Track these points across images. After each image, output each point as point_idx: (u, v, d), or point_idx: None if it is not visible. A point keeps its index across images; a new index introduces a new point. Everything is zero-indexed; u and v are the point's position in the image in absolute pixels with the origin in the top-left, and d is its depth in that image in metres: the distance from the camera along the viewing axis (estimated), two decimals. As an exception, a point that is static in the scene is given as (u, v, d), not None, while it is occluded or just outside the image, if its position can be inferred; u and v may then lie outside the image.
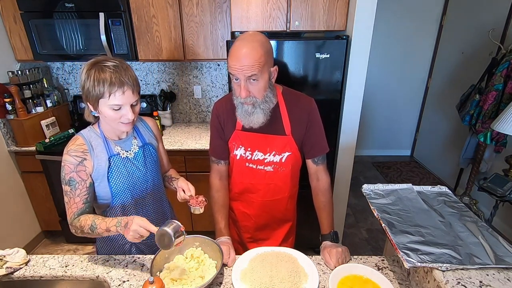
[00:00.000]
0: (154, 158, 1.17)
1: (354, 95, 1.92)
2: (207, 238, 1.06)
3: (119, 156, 1.07)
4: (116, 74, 0.92)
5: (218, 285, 0.95)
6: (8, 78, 2.13)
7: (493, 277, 0.72)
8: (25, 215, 2.36)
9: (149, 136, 1.18)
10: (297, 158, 1.15)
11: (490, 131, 2.28)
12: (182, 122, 2.73)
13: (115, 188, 1.06)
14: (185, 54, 2.18)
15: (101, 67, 0.92)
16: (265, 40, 0.97)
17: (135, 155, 1.11)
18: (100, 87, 0.91)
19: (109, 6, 1.97)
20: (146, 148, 1.14)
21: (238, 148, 1.15)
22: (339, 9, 1.84)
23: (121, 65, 0.95)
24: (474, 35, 2.97)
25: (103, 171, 1.03)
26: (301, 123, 1.10)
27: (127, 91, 0.94)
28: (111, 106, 0.94)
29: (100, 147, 1.05)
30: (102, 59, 0.95)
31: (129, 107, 0.96)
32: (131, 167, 1.09)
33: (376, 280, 0.91)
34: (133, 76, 0.96)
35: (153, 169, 1.16)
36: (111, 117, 0.96)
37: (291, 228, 1.35)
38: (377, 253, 2.44)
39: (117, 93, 0.92)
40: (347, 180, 2.16)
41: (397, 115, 4.06)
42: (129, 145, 1.11)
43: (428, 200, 1.03)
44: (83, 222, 0.98)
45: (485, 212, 2.65)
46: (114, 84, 0.91)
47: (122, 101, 0.94)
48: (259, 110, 1.02)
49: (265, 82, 0.98)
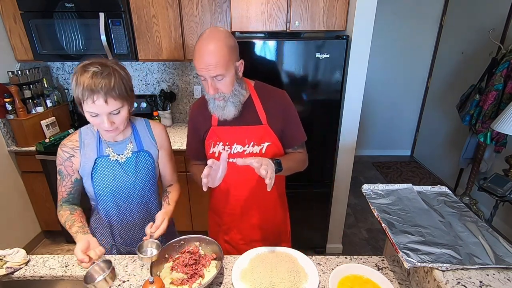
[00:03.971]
0: (149, 166, 1.12)
1: (354, 95, 1.92)
2: (207, 238, 1.06)
3: (107, 158, 1.05)
4: (91, 81, 0.88)
5: (218, 285, 0.95)
6: (8, 78, 2.13)
7: (493, 277, 0.72)
8: (25, 215, 2.36)
9: (149, 142, 1.13)
10: (278, 148, 1.14)
11: (490, 131, 2.28)
12: (182, 122, 2.73)
13: (97, 189, 1.06)
14: (185, 54, 2.18)
15: (84, 70, 0.90)
16: (227, 35, 0.97)
17: (126, 160, 1.07)
18: (78, 91, 0.90)
19: (109, 6, 1.97)
20: (140, 155, 1.10)
21: (215, 145, 1.13)
22: (339, 9, 1.84)
23: (103, 70, 0.91)
24: (474, 35, 2.97)
25: (88, 170, 1.04)
26: (277, 114, 1.12)
27: (97, 100, 0.89)
28: (88, 112, 0.93)
29: (91, 146, 1.05)
30: (90, 63, 0.92)
31: (105, 116, 0.93)
32: (119, 172, 1.06)
33: (376, 280, 0.91)
34: (110, 84, 0.90)
35: (144, 178, 1.11)
36: (91, 122, 0.96)
37: (285, 226, 1.33)
38: (377, 253, 2.44)
39: (88, 101, 0.89)
40: (347, 180, 2.16)
41: (397, 115, 4.07)
42: (123, 148, 1.08)
43: (428, 200, 1.03)
44: (63, 212, 1.04)
45: (485, 212, 2.65)
46: (85, 91, 0.88)
47: (95, 110, 0.91)
48: (230, 104, 1.03)
49: (231, 77, 0.99)
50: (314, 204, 2.17)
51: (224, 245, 1.31)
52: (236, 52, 1.00)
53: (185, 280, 0.92)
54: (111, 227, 1.15)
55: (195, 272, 0.94)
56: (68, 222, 1.01)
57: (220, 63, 0.94)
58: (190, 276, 0.93)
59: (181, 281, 0.92)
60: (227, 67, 0.96)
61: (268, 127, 1.11)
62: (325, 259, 1.04)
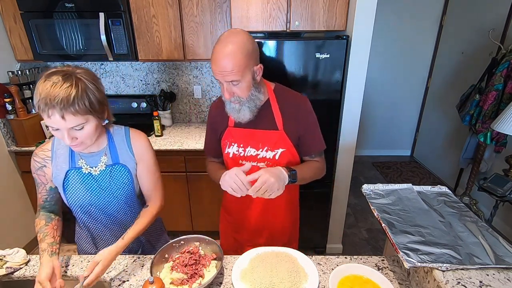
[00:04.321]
0: (125, 180, 1.03)
1: (354, 95, 1.92)
2: (207, 238, 1.06)
3: (79, 171, 0.99)
4: (48, 93, 0.78)
5: (218, 285, 0.95)
6: (8, 78, 2.13)
7: (493, 277, 0.72)
8: (25, 215, 2.36)
9: (126, 155, 1.03)
10: (293, 155, 1.12)
11: (490, 131, 2.28)
12: (182, 122, 2.73)
13: (71, 201, 1.02)
14: (185, 54, 2.18)
15: (45, 79, 0.81)
16: (245, 40, 0.93)
17: (100, 173, 1.00)
18: (35, 102, 0.81)
19: (109, 6, 1.97)
20: (115, 168, 1.01)
21: (230, 146, 1.14)
22: (339, 9, 1.84)
23: (64, 81, 0.80)
24: (474, 35, 2.97)
25: (60, 181, 0.99)
26: (294, 120, 1.09)
27: (53, 115, 0.80)
28: (49, 126, 0.84)
29: (63, 156, 0.99)
30: (55, 70, 0.83)
31: (65, 131, 0.83)
32: (92, 185, 1.00)
33: (376, 280, 0.91)
34: (68, 98, 0.79)
35: (120, 192, 1.03)
36: (55, 135, 0.87)
37: (294, 232, 1.33)
38: (377, 253, 2.44)
39: (44, 115, 0.80)
40: (347, 180, 2.16)
41: (397, 115, 4.07)
42: (97, 161, 1.00)
43: (428, 200, 1.03)
44: (38, 220, 1.02)
45: (485, 212, 2.65)
46: (41, 103, 0.79)
47: (53, 124, 0.82)
48: (245, 107, 1.02)
49: (247, 82, 0.97)
50: (314, 204, 2.17)
51: (233, 242, 1.32)
52: (254, 57, 0.97)
53: (185, 280, 0.92)
54: (92, 237, 1.12)
55: (195, 272, 0.94)
56: (40, 234, 0.97)
57: (236, 69, 0.91)
58: (190, 276, 0.93)
59: (181, 281, 0.92)
60: (243, 72, 0.94)
61: (283, 133, 1.08)
62: (325, 259, 1.04)
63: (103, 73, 2.57)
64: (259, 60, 1.02)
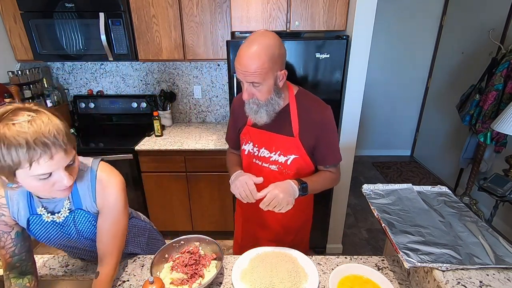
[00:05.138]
0: (91, 226, 0.90)
1: (354, 95, 1.92)
2: (207, 238, 1.06)
3: (41, 218, 0.85)
4: (35, 134, 0.64)
5: (218, 285, 0.95)
6: (8, 78, 2.13)
7: (493, 277, 0.72)
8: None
9: (89, 201, 0.87)
10: (305, 162, 1.10)
11: (490, 131, 2.28)
12: (182, 122, 2.73)
13: (42, 241, 0.90)
14: (185, 54, 2.18)
15: (8, 125, 0.63)
16: (274, 43, 0.92)
17: (65, 219, 0.87)
18: (13, 156, 0.63)
19: (109, 6, 1.97)
20: (77, 214, 0.87)
21: (247, 143, 1.16)
22: (339, 9, 1.84)
23: (39, 116, 0.67)
24: (474, 35, 2.97)
25: (24, 226, 0.87)
26: (312, 128, 1.07)
27: (56, 154, 0.67)
28: (37, 176, 0.68)
29: (21, 203, 0.84)
30: (9, 111, 0.66)
31: (62, 170, 0.71)
32: (57, 232, 0.89)
33: (376, 280, 0.91)
34: (60, 130, 0.68)
35: (90, 235, 0.92)
36: (38, 188, 0.72)
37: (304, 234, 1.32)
38: (377, 253, 2.44)
39: (42, 160, 0.65)
40: (347, 180, 2.16)
41: (397, 115, 4.07)
42: (60, 206, 0.86)
43: (428, 200, 1.03)
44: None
45: (485, 212, 2.65)
46: (34, 149, 0.64)
47: (51, 168, 0.68)
48: (263, 111, 1.01)
49: (268, 86, 0.96)
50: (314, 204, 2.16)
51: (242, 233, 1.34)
52: (280, 62, 0.94)
53: (185, 280, 0.92)
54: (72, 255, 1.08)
55: (195, 272, 0.94)
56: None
57: (258, 72, 0.90)
58: (190, 276, 0.93)
59: (181, 281, 0.92)
60: (266, 76, 0.92)
61: (298, 141, 1.07)
62: (325, 259, 1.05)
63: (103, 73, 2.57)
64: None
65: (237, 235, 1.41)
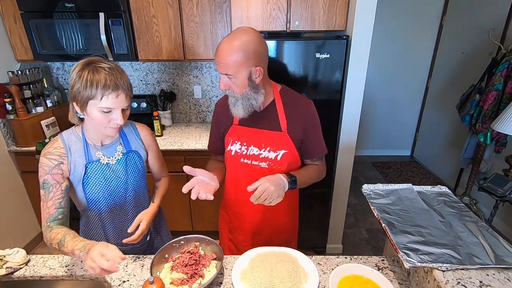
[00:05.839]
0: (138, 167, 1.13)
1: (354, 95, 1.92)
2: (207, 238, 1.06)
3: (98, 163, 1.03)
4: (111, 77, 0.90)
5: (218, 285, 0.95)
6: (8, 78, 2.13)
7: (493, 277, 0.72)
8: (25, 215, 2.36)
9: (136, 143, 1.14)
10: (294, 157, 1.13)
11: (490, 131, 2.28)
12: (182, 122, 2.73)
13: (90, 195, 1.03)
14: (185, 54, 2.18)
15: (96, 68, 0.90)
16: (251, 39, 0.94)
17: (117, 162, 1.07)
18: (93, 89, 0.88)
19: (109, 6, 1.97)
20: (129, 156, 1.10)
21: (233, 144, 1.15)
22: (339, 9, 1.84)
23: (117, 68, 0.94)
24: (474, 35, 2.97)
25: (79, 177, 1.01)
26: (298, 123, 1.10)
27: (121, 95, 0.92)
28: (102, 108, 0.91)
29: (79, 152, 1.01)
30: (96, 60, 0.93)
31: (119, 111, 0.94)
32: (110, 175, 1.05)
33: (376, 280, 0.91)
34: (127, 81, 0.95)
35: (135, 178, 1.12)
36: (99, 120, 0.93)
37: (292, 236, 1.32)
38: (377, 253, 2.44)
39: (110, 96, 0.90)
40: (347, 180, 2.16)
41: (397, 115, 4.07)
42: (113, 151, 1.07)
43: (428, 200, 1.03)
44: (54, 234, 0.90)
45: (485, 212, 2.65)
46: (108, 86, 0.89)
47: (115, 105, 0.92)
48: (239, 104, 1.03)
49: (242, 80, 0.98)
50: (314, 204, 2.17)
51: (228, 242, 1.32)
52: (255, 58, 0.96)
53: (185, 280, 0.92)
54: (105, 230, 1.13)
55: (195, 272, 0.94)
56: (68, 242, 0.86)
57: (230, 65, 0.94)
58: (190, 276, 0.93)
59: (181, 281, 0.92)
60: (238, 69, 0.95)
61: (287, 135, 1.09)
62: (325, 259, 1.05)
63: (103, 73, 2.57)
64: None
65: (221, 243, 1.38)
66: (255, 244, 1.23)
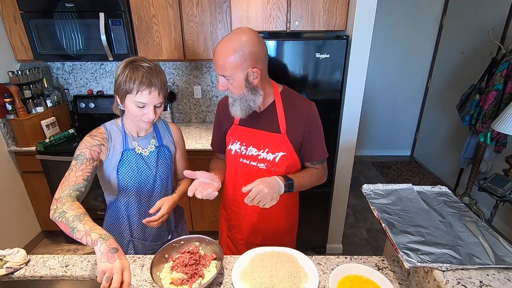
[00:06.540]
0: (168, 161, 1.20)
1: (354, 95, 1.92)
2: (207, 238, 1.06)
3: (133, 151, 1.11)
4: (148, 75, 0.99)
5: (218, 285, 0.95)
6: (8, 78, 2.13)
7: (493, 277, 0.72)
8: (25, 215, 2.36)
9: (167, 139, 1.22)
10: (293, 160, 1.12)
11: (490, 131, 2.28)
12: (182, 122, 2.73)
13: (122, 182, 1.10)
14: (185, 54, 2.18)
15: (137, 66, 1.00)
16: (247, 40, 0.93)
17: (150, 154, 1.15)
18: (131, 84, 0.98)
19: (109, 6, 1.97)
20: (161, 150, 1.18)
21: (234, 143, 1.15)
22: (339, 9, 1.84)
23: (155, 68, 1.02)
24: (474, 35, 2.97)
25: (115, 162, 1.09)
26: (298, 125, 1.09)
27: (153, 92, 1.00)
28: (136, 102, 1.00)
29: (118, 139, 1.11)
30: (140, 59, 1.03)
31: (152, 107, 1.02)
32: (142, 165, 1.13)
33: (376, 280, 0.90)
34: (163, 80, 1.03)
35: (164, 171, 1.18)
36: (134, 112, 1.02)
37: (290, 237, 1.32)
38: (377, 253, 2.44)
39: (144, 92, 0.98)
40: (347, 180, 2.16)
41: (397, 115, 4.07)
42: (147, 143, 1.15)
43: (428, 200, 1.03)
44: (75, 206, 0.87)
45: (485, 212, 2.65)
46: (143, 83, 0.98)
47: (147, 100, 1.00)
48: (237, 104, 1.04)
49: (238, 82, 0.98)
50: (314, 204, 2.17)
51: (226, 240, 1.32)
52: (252, 59, 0.95)
53: (185, 280, 0.92)
54: (130, 222, 1.18)
55: (195, 272, 0.94)
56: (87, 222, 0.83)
57: (226, 66, 0.94)
58: (190, 276, 0.93)
59: (181, 281, 0.92)
60: (234, 71, 0.95)
61: (286, 138, 1.08)
62: (325, 259, 1.05)
63: (103, 73, 2.57)
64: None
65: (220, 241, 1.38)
66: (251, 242, 1.24)
